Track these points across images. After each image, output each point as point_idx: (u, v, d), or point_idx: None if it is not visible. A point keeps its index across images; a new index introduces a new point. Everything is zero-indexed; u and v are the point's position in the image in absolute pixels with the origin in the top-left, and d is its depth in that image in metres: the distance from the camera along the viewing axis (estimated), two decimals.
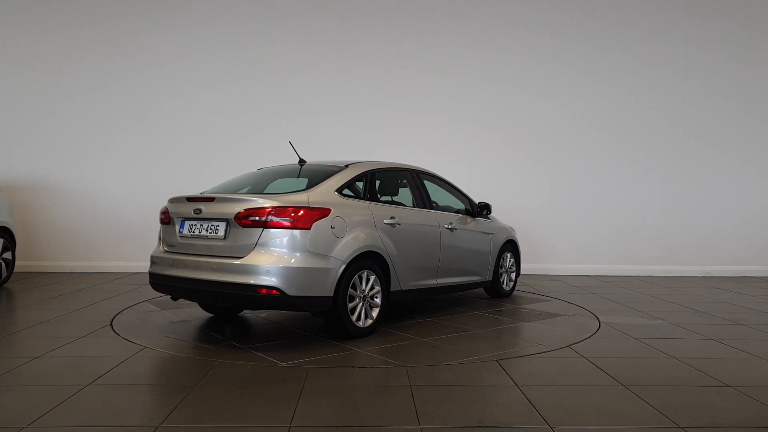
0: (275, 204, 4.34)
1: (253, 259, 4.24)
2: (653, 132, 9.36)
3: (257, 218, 4.30)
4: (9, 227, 7.48)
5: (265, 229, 4.29)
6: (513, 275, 7.08)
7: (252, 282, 4.21)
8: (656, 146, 9.36)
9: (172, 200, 4.93)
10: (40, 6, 9.15)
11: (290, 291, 4.22)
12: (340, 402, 3.20)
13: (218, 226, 4.46)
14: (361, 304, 4.68)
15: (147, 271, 5.01)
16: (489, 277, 6.57)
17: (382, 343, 4.59)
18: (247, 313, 5.67)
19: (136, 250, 9.02)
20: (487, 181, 9.22)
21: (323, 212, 4.47)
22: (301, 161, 5.52)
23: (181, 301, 6.04)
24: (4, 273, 7.30)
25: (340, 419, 2.95)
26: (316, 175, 5.10)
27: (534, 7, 9.33)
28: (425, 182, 6.00)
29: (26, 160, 9.10)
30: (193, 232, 4.61)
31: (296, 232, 4.30)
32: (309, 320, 5.38)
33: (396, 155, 7.46)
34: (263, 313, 5.65)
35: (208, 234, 4.51)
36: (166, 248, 4.85)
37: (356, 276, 4.62)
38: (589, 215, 9.30)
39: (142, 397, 3.28)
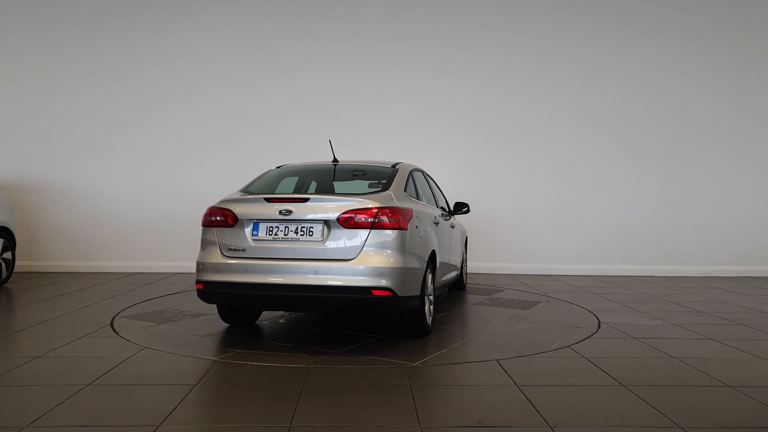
0: (380, 204, 4.30)
1: (365, 260, 4.15)
2: (653, 132, 9.36)
3: (364, 219, 4.21)
4: (9, 227, 7.47)
5: (372, 230, 4.21)
6: (465, 269, 7.57)
7: (366, 284, 4.12)
8: (656, 146, 9.36)
9: (239, 201, 4.54)
10: (40, 6, 9.15)
11: (400, 292, 4.19)
12: (340, 402, 3.20)
13: (313, 227, 4.28)
14: (427, 301, 4.75)
15: (197, 279, 4.47)
16: (459, 271, 6.90)
17: (456, 338, 4.79)
18: (262, 320, 5.43)
19: (136, 250, 9.04)
20: (486, 181, 9.23)
21: (410, 213, 4.52)
22: (335, 160, 5.41)
23: (172, 314, 6.01)
24: (4, 273, 7.30)
25: (340, 419, 2.95)
26: (368, 175, 5.17)
27: (534, 8, 9.33)
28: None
29: (26, 160, 9.10)
30: (276, 234, 4.33)
31: (399, 232, 4.29)
32: (335, 321, 5.38)
33: (397, 155, 7.45)
34: (281, 318, 5.55)
35: (299, 236, 4.29)
36: (228, 253, 4.39)
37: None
38: (589, 215, 9.30)
39: (142, 397, 3.28)
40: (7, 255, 7.37)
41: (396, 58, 9.29)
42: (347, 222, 4.22)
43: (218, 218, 4.50)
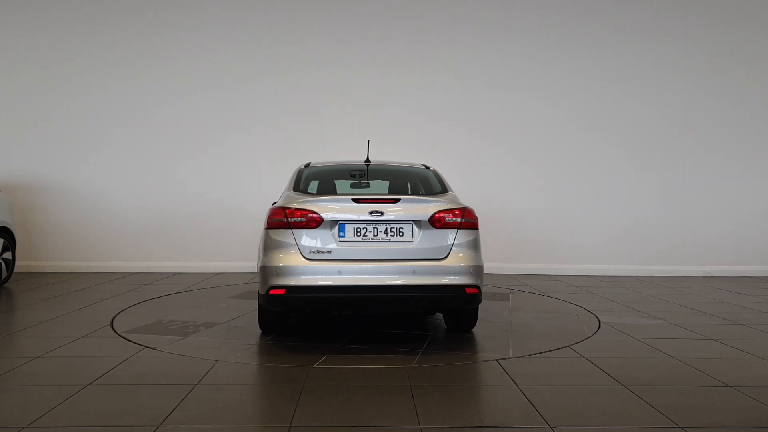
0: (461, 206, 4.54)
1: (456, 259, 4.33)
2: (653, 132, 9.36)
3: (452, 219, 4.40)
4: (9, 227, 7.47)
5: (459, 230, 4.41)
6: None
7: (461, 282, 4.30)
8: (656, 146, 9.36)
9: (320, 201, 4.43)
10: (40, 6, 9.15)
11: (482, 288, 4.47)
12: (340, 402, 3.20)
13: (403, 227, 4.37)
14: None
15: (274, 284, 4.21)
16: None
17: (500, 330, 5.07)
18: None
19: (136, 250, 9.03)
20: (485, 181, 9.22)
21: None
22: (367, 161, 5.35)
23: (183, 325, 5.98)
24: (4, 273, 7.29)
25: (340, 419, 2.95)
26: (410, 176, 5.40)
27: (534, 8, 9.33)
28: None
29: (26, 160, 9.10)
30: (364, 235, 4.34)
31: (477, 232, 4.56)
32: (365, 321, 5.39)
33: (397, 154, 7.45)
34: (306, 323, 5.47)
35: (389, 237, 4.35)
36: (312, 256, 4.25)
37: None
38: (589, 215, 9.29)
39: (142, 397, 3.28)
40: (7, 255, 7.36)
41: (395, 58, 9.28)
42: (438, 222, 4.38)
43: (300, 219, 4.34)
